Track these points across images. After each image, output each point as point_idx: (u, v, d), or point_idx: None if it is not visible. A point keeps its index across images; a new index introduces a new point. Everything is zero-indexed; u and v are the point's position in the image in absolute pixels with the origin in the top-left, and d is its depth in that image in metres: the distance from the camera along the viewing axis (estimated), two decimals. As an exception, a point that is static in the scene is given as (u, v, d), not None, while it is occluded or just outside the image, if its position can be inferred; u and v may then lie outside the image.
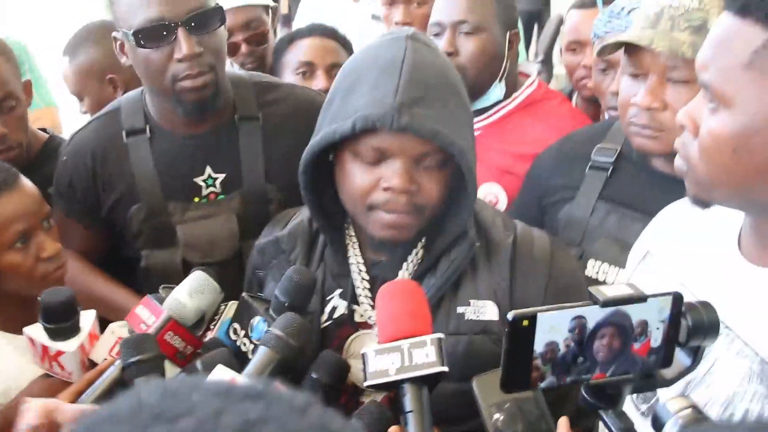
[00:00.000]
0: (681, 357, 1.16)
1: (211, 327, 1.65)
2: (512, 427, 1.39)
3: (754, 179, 1.14)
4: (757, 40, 1.06)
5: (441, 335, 1.34)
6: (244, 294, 1.60)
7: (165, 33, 1.84)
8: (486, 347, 1.54)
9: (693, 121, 1.18)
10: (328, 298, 1.66)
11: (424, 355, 1.31)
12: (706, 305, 1.12)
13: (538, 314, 1.05)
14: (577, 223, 2.02)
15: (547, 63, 3.98)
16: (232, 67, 3.13)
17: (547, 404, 1.39)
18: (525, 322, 1.05)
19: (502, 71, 2.43)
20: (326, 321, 1.65)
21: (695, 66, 1.16)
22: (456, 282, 1.59)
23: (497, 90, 2.46)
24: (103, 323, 1.80)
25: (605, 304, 1.06)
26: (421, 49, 1.49)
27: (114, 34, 1.97)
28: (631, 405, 1.41)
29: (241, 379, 1.35)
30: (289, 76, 2.67)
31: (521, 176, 2.32)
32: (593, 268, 1.95)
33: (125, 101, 2.11)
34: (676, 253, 1.44)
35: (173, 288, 1.66)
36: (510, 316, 1.04)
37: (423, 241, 1.62)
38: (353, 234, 1.66)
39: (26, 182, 1.80)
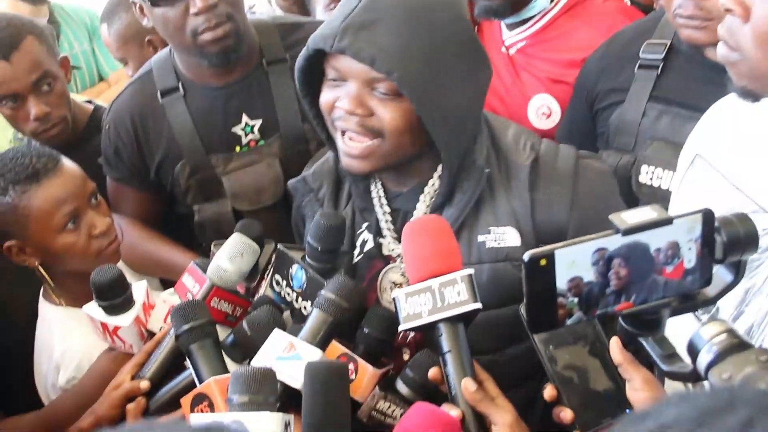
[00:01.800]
0: (722, 273, 1.09)
1: (266, 276, 1.67)
2: (572, 364, 1.35)
3: None
4: None
5: (471, 271, 1.31)
6: (279, 245, 1.60)
7: None
8: (509, 274, 1.51)
9: (742, 3, 1.05)
10: (358, 233, 1.66)
11: (456, 294, 1.29)
12: (741, 217, 1.04)
13: (556, 252, 1.00)
14: (629, 127, 1.93)
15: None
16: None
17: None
18: (543, 261, 1.00)
19: None
20: (358, 255, 1.65)
21: None
22: (475, 210, 1.54)
23: None
24: (168, 285, 1.86)
25: (627, 232, 1.00)
26: None
27: None
28: (691, 316, 1.35)
29: (296, 341, 1.36)
30: (321, 12, 2.60)
31: (573, 83, 2.22)
32: (647, 174, 1.86)
33: (155, 62, 2.11)
34: (728, 154, 1.35)
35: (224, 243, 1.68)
36: (526, 256, 1.00)
37: (438, 170, 1.57)
38: None
39: (68, 164, 1.82)
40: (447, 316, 1.28)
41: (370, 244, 1.65)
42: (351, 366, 1.42)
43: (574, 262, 1.01)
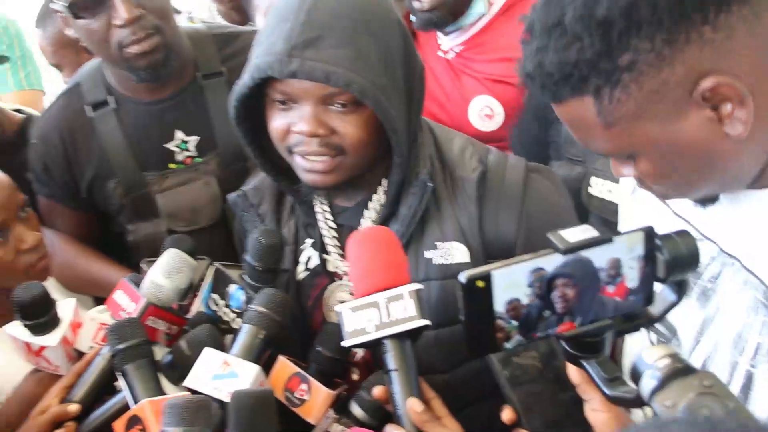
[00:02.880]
0: (665, 292, 1.07)
1: (198, 293, 1.62)
2: (523, 370, 1.32)
3: (713, 171, 1.08)
4: (588, 107, 1.04)
5: (419, 286, 1.28)
6: (216, 264, 1.56)
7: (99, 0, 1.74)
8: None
9: (630, 172, 1.13)
10: (301, 248, 1.61)
11: (403, 309, 1.26)
12: (683, 235, 1.02)
13: (492, 272, 0.96)
14: None
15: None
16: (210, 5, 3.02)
17: None
18: (480, 283, 0.96)
19: None
20: (303, 272, 1.61)
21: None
22: (421, 225, 1.51)
23: (480, 3, 2.33)
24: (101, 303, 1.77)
25: (567, 251, 0.96)
26: None
27: (53, 6, 1.87)
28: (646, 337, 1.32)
29: (230, 359, 1.33)
30: (260, 19, 2.53)
31: (515, 83, 2.20)
32: (596, 186, 1.85)
33: (84, 74, 2.03)
34: None
35: (155, 261, 1.62)
36: (462, 278, 0.96)
37: (384, 185, 1.54)
38: None
39: None
40: (393, 332, 1.25)
41: (315, 261, 1.60)
42: (304, 386, 1.39)
43: (512, 283, 0.97)
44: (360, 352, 1.56)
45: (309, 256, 1.60)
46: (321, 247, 1.59)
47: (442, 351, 1.44)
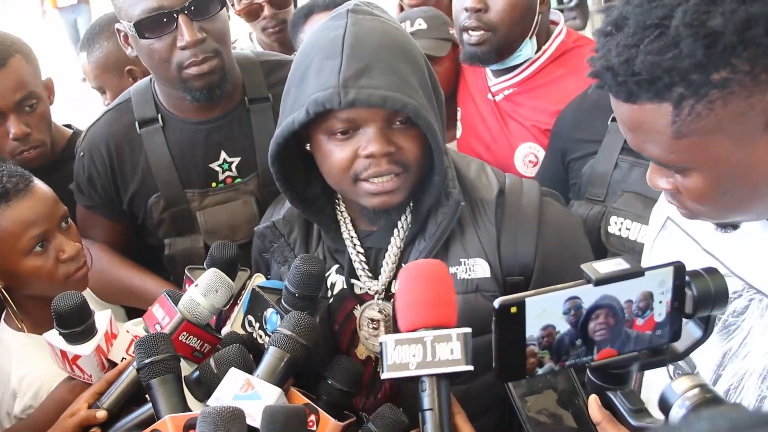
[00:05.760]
0: (691, 328, 1.09)
1: (238, 301, 1.67)
2: (543, 408, 1.33)
3: (756, 197, 1.09)
4: (663, 114, 1.02)
5: (468, 330, 1.26)
6: (255, 286, 1.58)
7: (165, 21, 1.81)
8: (480, 305, 1.53)
9: (669, 185, 1.14)
10: (326, 275, 1.65)
11: (449, 351, 1.24)
12: (712, 272, 1.05)
13: (527, 299, 0.99)
14: (600, 178, 1.95)
15: (581, 6, 3.82)
16: (252, 33, 3.10)
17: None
18: (513, 309, 0.99)
19: (533, 27, 2.33)
20: (329, 298, 1.65)
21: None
22: (445, 243, 1.57)
23: (528, 47, 2.36)
24: (137, 313, 1.81)
25: (599, 282, 1.00)
26: (362, 21, 1.46)
27: (117, 26, 1.94)
28: (666, 375, 1.34)
29: (253, 380, 1.34)
30: None
31: None
32: (616, 224, 1.88)
33: (135, 91, 2.09)
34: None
35: (198, 268, 1.68)
36: (496, 304, 0.98)
37: (410, 205, 1.60)
38: (344, 209, 1.66)
39: (40, 186, 1.79)
40: (437, 372, 1.24)
41: (339, 286, 1.65)
42: (312, 417, 1.39)
43: (546, 311, 1.00)
44: None
45: (333, 282, 1.66)
46: (349, 272, 1.64)
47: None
